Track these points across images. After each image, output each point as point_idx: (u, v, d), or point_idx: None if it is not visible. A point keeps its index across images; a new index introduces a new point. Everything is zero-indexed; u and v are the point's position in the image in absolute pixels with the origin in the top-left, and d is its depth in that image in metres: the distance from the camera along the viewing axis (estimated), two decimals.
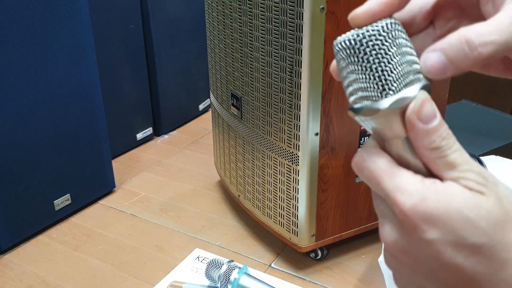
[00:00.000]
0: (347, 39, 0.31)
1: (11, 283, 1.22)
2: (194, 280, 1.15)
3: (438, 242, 0.29)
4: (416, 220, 0.29)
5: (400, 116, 0.30)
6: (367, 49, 0.30)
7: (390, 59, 0.30)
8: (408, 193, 0.29)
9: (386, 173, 0.30)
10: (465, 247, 0.29)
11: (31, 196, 1.34)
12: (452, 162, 0.29)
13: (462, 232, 0.28)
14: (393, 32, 0.31)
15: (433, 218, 0.29)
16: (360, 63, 0.31)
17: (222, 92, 1.34)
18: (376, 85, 0.30)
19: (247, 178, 1.30)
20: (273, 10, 1.02)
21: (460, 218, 0.28)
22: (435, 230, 0.29)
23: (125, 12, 1.72)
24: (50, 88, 1.31)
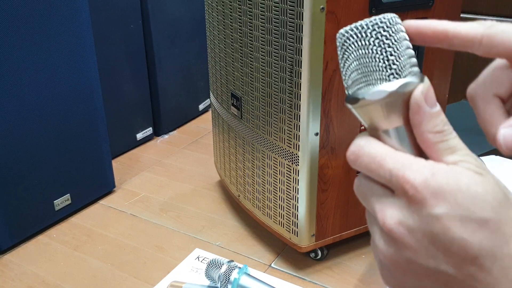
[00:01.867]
0: (358, 24, 0.32)
1: (11, 283, 1.22)
2: (194, 280, 1.15)
3: (447, 217, 0.29)
4: (426, 195, 0.29)
5: (399, 104, 0.31)
6: (378, 34, 0.32)
7: (397, 47, 0.32)
8: (417, 169, 0.30)
9: (389, 155, 0.31)
10: (473, 221, 0.29)
11: (31, 196, 1.34)
12: (454, 146, 0.31)
13: (470, 206, 0.29)
14: (396, 25, 0.32)
15: (444, 192, 0.29)
16: (371, 46, 0.32)
17: (222, 92, 1.34)
18: (385, 68, 0.31)
19: (247, 178, 1.30)
20: (273, 10, 1.02)
21: (469, 192, 0.29)
22: (444, 205, 0.29)
23: (125, 12, 1.72)
24: (50, 88, 1.31)
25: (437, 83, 1.17)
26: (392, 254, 0.32)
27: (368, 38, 0.32)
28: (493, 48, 0.31)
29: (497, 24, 0.31)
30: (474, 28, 0.32)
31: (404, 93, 0.31)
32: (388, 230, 0.31)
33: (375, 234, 0.33)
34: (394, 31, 0.32)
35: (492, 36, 0.31)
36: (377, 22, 0.32)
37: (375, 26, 0.32)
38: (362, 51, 0.32)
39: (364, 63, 0.32)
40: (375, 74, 0.32)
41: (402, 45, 0.32)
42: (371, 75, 0.32)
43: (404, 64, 0.32)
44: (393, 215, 0.31)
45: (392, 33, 0.32)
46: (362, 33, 0.32)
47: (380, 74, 0.32)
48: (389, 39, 0.32)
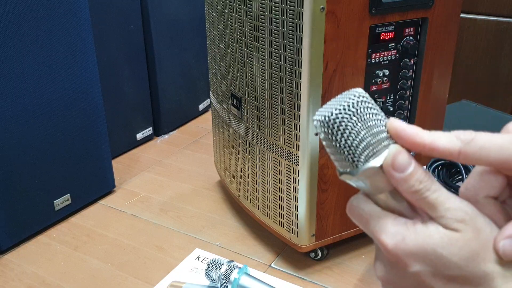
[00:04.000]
0: (320, 118, 0.35)
1: (11, 283, 1.22)
2: (194, 280, 1.16)
3: (421, 273, 0.34)
4: (399, 257, 0.34)
5: (378, 178, 0.35)
6: (334, 130, 0.34)
7: (356, 134, 0.34)
8: (390, 234, 0.34)
9: (372, 218, 0.36)
10: (442, 277, 0.34)
11: (31, 196, 1.34)
12: (432, 203, 0.34)
13: (437, 266, 0.33)
14: (360, 108, 0.35)
15: (414, 254, 0.34)
16: (333, 141, 0.35)
17: (222, 92, 1.34)
18: (346, 158, 0.35)
19: (247, 178, 1.30)
20: (273, 10, 1.02)
21: (435, 256, 0.33)
22: (417, 264, 0.34)
23: (125, 12, 1.72)
24: (50, 88, 1.31)
25: (437, 83, 1.17)
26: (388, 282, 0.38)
27: (329, 134, 0.35)
28: (470, 163, 0.33)
29: (476, 140, 0.33)
30: (452, 143, 0.33)
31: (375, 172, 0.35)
32: (380, 278, 0.37)
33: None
34: (356, 114, 0.34)
35: (469, 154, 0.33)
36: (335, 114, 0.34)
37: (331, 121, 0.34)
38: (329, 143, 0.35)
39: (333, 152, 0.36)
40: (343, 161, 0.35)
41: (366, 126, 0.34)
42: (341, 161, 0.35)
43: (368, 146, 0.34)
44: (380, 269, 0.37)
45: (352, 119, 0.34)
46: (324, 129, 0.35)
47: (346, 162, 0.35)
48: (346, 129, 0.34)
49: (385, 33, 1.05)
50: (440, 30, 1.10)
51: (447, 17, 1.10)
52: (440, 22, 1.09)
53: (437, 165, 1.08)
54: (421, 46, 1.10)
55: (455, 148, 0.33)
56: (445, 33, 1.12)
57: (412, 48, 1.08)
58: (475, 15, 1.74)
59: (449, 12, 1.10)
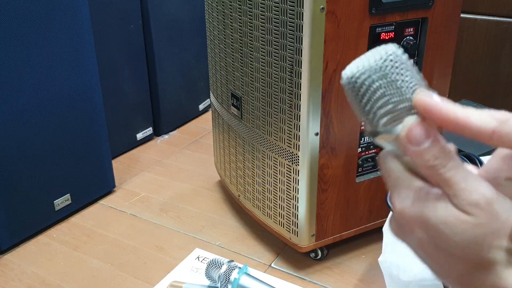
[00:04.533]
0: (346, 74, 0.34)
1: (11, 283, 1.22)
2: (194, 280, 1.16)
3: (423, 241, 0.34)
4: (404, 220, 0.34)
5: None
6: (356, 89, 0.33)
7: (377, 98, 0.33)
8: (401, 197, 0.34)
9: (392, 176, 0.35)
10: (443, 250, 0.33)
11: (31, 196, 1.34)
12: (447, 180, 0.32)
13: (438, 240, 0.33)
14: (387, 69, 0.33)
15: (417, 223, 0.33)
16: (355, 100, 0.34)
17: (222, 92, 1.34)
18: (367, 120, 0.34)
19: (247, 178, 1.30)
20: (273, 10, 1.02)
21: (436, 231, 0.32)
22: (420, 231, 0.33)
23: (125, 12, 1.72)
24: (50, 88, 1.31)
25: (437, 83, 1.17)
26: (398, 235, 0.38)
27: (389, 74, 0.32)
28: (503, 145, 0.31)
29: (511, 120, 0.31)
30: (486, 122, 0.31)
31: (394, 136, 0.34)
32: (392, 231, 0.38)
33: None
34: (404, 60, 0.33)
35: (503, 135, 0.31)
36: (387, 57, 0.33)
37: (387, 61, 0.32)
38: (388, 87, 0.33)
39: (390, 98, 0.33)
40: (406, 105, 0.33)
41: (414, 71, 0.33)
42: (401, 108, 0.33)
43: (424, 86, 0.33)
44: (393, 224, 0.37)
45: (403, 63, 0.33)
46: (352, 87, 0.33)
47: (411, 104, 0.33)
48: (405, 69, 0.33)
49: (385, 33, 1.05)
50: (440, 30, 1.10)
51: (447, 17, 1.10)
52: (440, 22, 1.09)
53: None
54: (421, 46, 1.10)
55: (489, 127, 0.31)
56: (445, 33, 1.12)
57: (412, 48, 1.08)
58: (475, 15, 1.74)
59: (449, 12, 1.10)
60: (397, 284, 0.98)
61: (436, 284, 0.90)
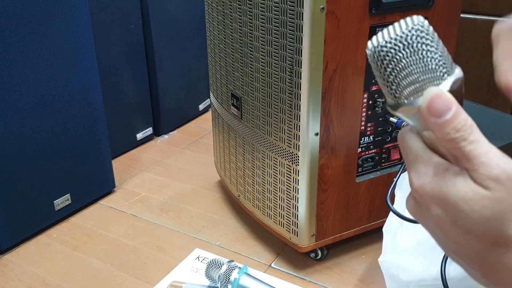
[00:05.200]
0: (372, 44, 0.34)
1: (11, 283, 1.22)
2: (194, 280, 1.16)
3: (440, 218, 0.33)
4: (422, 197, 0.33)
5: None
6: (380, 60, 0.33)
7: (401, 69, 0.33)
8: (419, 173, 0.34)
9: (411, 152, 0.35)
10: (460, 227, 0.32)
11: (31, 196, 1.34)
12: (467, 154, 0.31)
13: (456, 217, 0.32)
14: (414, 41, 0.33)
15: (435, 199, 0.32)
16: (379, 71, 0.34)
17: (222, 92, 1.34)
18: (389, 92, 0.34)
19: (247, 178, 1.30)
20: (273, 10, 1.02)
21: (455, 207, 0.32)
22: (438, 208, 0.33)
23: (125, 12, 1.72)
24: (50, 88, 1.31)
25: None
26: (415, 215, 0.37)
27: (414, 45, 0.32)
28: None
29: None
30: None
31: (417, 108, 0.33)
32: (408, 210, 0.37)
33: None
34: (431, 32, 0.33)
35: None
36: (413, 27, 0.32)
37: (412, 31, 0.32)
38: (412, 57, 0.32)
39: (414, 69, 0.33)
40: (429, 76, 0.32)
41: (440, 43, 0.33)
42: (425, 79, 0.33)
43: (449, 59, 0.33)
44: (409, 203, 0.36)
45: (429, 35, 0.33)
46: (405, 41, 0.32)
47: (434, 75, 0.33)
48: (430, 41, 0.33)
49: None
50: (440, 30, 1.10)
51: (447, 17, 1.10)
52: (440, 22, 1.09)
53: None
54: None
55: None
56: (445, 33, 1.12)
57: None
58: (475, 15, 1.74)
59: (449, 12, 1.10)
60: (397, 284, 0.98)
61: (436, 284, 0.90)
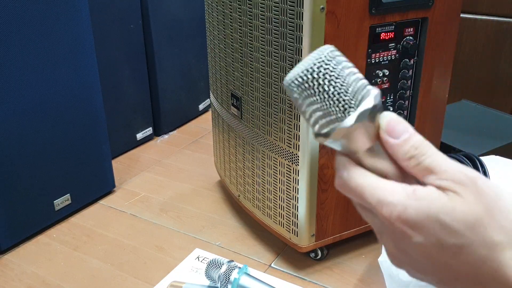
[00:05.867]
0: (298, 76, 0.34)
1: (11, 283, 1.22)
2: (194, 280, 1.16)
3: (425, 245, 0.32)
4: (403, 228, 0.32)
5: (364, 129, 0.34)
6: (319, 80, 0.33)
7: (342, 81, 0.33)
8: (391, 205, 0.33)
9: (368, 189, 0.34)
10: (447, 248, 0.32)
11: (31, 196, 1.34)
12: (428, 167, 0.32)
13: (441, 235, 0.31)
14: (336, 58, 0.34)
15: (417, 224, 0.32)
16: (317, 93, 0.34)
17: (222, 92, 1.34)
18: (337, 107, 0.33)
19: (247, 178, 1.30)
20: (273, 10, 1.02)
21: (438, 223, 0.31)
22: (420, 235, 0.32)
23: (125, 12, 1.72)
24: (49, 88, 1.31)
25: (437, 83, 1.17)
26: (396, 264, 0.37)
27: (312, 87, 0.33)
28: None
29: None
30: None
31: (364, 121, 0.33)
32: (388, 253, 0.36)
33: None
34: (334, 64, 0.34)
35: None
36: (315, 68, 0.33)
37: (314, 74, 0.33)
38: (312, 98, 0.34)
39: (317, 108, 0.34)
40: (331, 114, 0.34)
41: (347, 74, 0.34)
42: (329, 115, 0.34)
43: (355, 91, 0.34)
44: (387, 242, 0.35)
45: (333, 69, 0.33)
46: (305, 84, 0.34)
47: (336, 113, 0.34)
48: (331, 77, 0.33)
49: (385, 33, 1.05)
50: (440, 30, 1.10)
51: (447, 17, 1.10)
52: (440, 22, 1.09)
53: None
54: (421, 46, 1.10)
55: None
56: (445, 33, 1.12)
57: (412, 48, 1.08)
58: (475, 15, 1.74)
59: (449, 12, 1.10)
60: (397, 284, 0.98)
61: None
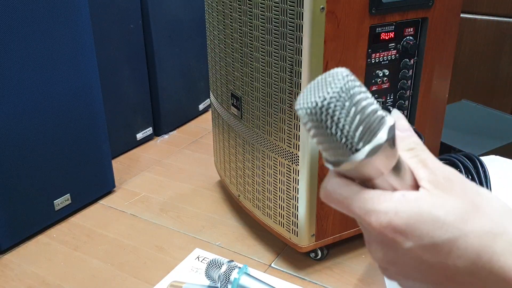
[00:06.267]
0: (309, 106, 0.32)
1: (11, 283, 1.22)
2: (194, 280, 1.16)
3: (417, 248, 0.32)
4: (394, 235, 0.32)
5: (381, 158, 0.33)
6: (329, 116, 0.32)
7: (352, 119, 0.32)
8: (381, 212, 0.32)
9: (354, 200, 0.34)
10: (441, 246, 0.32)
11: (31, 196, 1.34)
12: (424, 160, 0.34)
13: (435, 232, 0.31)
14: (351, 90, 0.32)
15: (408, 227, 0.32)
16: (326, 131, 0.32)
17: (222, 92, 1.34)
18: (344, 146, 0.32)
19: (247, 178, 1.30)
20: (273, 10, 1.02)
21: (432, 218, 0.31)
22: (412, 239, 0.32)
23: (125, 12, 1.72)
24: (50, 88, 1.31)
25: (437, 83, 1.17)
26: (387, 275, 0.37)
27: (321, 123, 0.32)
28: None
29: None
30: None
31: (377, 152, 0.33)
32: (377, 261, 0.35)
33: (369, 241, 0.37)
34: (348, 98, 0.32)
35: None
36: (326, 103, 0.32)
37: (323, 109, 0.32)
38: (321, 132, 0.33)
39: (326, 141, 0.33)
40: (339, 149, 0.33)
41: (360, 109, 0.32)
42: (338, 149, 0.33)
43: (367, 128, 0.32)
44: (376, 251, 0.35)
45: (345, 104, 0.32)
46: (314, 119, 0.32)
47: (344, 150, 0.33)
48: (341, 116, 0.32)
49: (385, 33, 1.05)
50: (440, 30, 1.10)
51: (447, 17, 1.10)
52: (440, 22, 1.09)
53: None
54: (421, 46, 1.10)
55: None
56: (445, 33, 1.12)
57: (412, 48, 1.08)
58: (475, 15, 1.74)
59: (449, 12, 1.10)
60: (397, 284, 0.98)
61: None
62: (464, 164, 1.00)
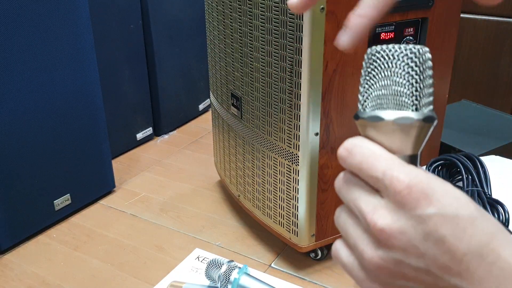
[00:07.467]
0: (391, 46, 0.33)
1: (11, 283, 1.22)
2: (194, 280, 1.16)
3: (437, 217, 0.30)
4: (419, 196, 0.31)
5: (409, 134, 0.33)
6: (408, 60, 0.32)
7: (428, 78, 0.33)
8: (411, 171, 0.32)
9: (383, 156, 0.33)
10: (461, 220, 0.31)
11: (31, 196, 1.34)
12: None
13: (458, 206, 0.31)
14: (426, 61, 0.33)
15: (434, 193, 0.31)
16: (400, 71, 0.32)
17: (222, 92, 1.34)
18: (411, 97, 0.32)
19: (247, 178, 1.30)
20: (273, 10, 1.02)
21: (455, 194, 0.31)
22: (435, 205, 0.31)
23: (125, 12, 1.72)
24: (50, 88, 1.31)
25: (437, 83, 1.16)
26: (380, 257, 0.32)
27: (399, 62, 0.32)
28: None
29: None
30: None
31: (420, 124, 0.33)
32: (379, 230, 0.32)
33: (358, 238, 0.34)
34: (422, 62, 0.33)
35: None
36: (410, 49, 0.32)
37: (407, 52, 0.32)
38: (389, 72, 0.33)
39: (389, 85, 0.33)
40: (399, 99, 0.33)
41: (427, 80, 0.33)
42: (394, 100, 0.33)
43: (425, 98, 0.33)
44: (385, 216, 0.32)
45: (420, 63, 0.33)
46: (393, 55, 0.32)
47: (405, 101, 0.32)
48: (417, 68, 0.32)
49: (385, 33, 1.05)
50: (440, 30, 1.10)
51: (447, 17, 1.10)
52: (440, 22, 1.09)
53: (437, 165, 1.08)
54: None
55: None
56: (445, 33, 1.12)
57: None
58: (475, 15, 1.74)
59: (449, 12, 1.10)
60: None
61: None
62: (464, 164, 1.00)
